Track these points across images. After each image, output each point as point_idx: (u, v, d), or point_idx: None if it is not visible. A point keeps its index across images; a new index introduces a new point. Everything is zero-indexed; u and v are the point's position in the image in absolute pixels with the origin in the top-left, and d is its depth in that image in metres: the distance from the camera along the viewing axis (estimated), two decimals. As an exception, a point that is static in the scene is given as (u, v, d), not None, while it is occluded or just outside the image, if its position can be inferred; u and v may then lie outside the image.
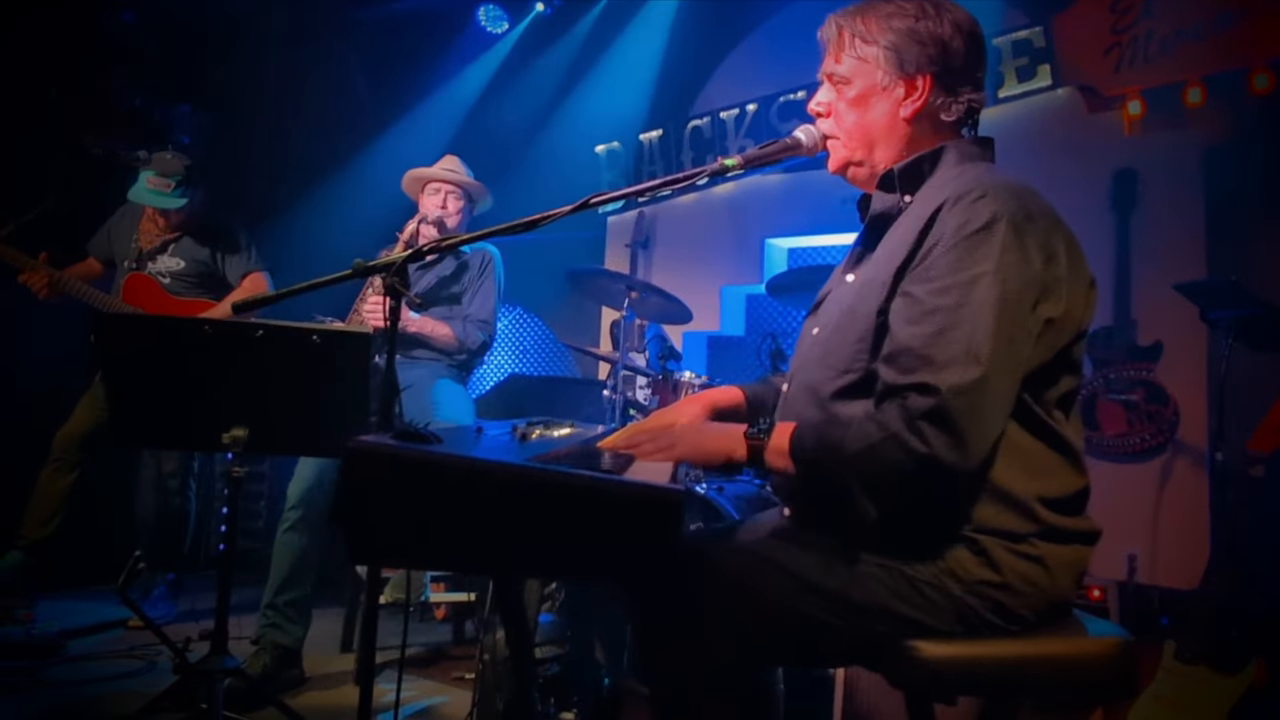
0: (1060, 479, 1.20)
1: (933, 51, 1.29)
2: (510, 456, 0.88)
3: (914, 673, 1.10)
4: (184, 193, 3.23)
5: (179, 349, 1.78)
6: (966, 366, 1.09)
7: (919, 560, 1.16)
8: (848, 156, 1.38)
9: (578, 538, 0.78)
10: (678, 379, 3.01)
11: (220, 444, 1.81)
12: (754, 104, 4.16)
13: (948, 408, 1.08)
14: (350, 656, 2.91)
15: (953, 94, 1.31)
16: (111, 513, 3.47)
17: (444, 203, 3.14)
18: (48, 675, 2.59)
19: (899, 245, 1.24)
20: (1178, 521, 3.08)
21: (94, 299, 3.22)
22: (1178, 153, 3.25)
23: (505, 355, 5.30)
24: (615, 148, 4.61)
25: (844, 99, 1.36)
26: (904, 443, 1.09)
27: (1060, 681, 1.15)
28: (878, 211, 1.36)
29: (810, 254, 4.37)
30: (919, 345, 1.12)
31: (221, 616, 1.92)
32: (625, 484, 0.80)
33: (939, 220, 1.19)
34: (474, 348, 3.12)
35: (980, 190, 1.18)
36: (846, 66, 1.35)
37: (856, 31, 1.33)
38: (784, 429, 1.21)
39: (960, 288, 1.13)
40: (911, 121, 1.33)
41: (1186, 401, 3.12)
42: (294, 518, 2.59)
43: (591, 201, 1.35)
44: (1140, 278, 3.26)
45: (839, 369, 1.25)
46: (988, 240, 1.14)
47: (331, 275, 1.38)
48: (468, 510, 0.79)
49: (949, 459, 1.08)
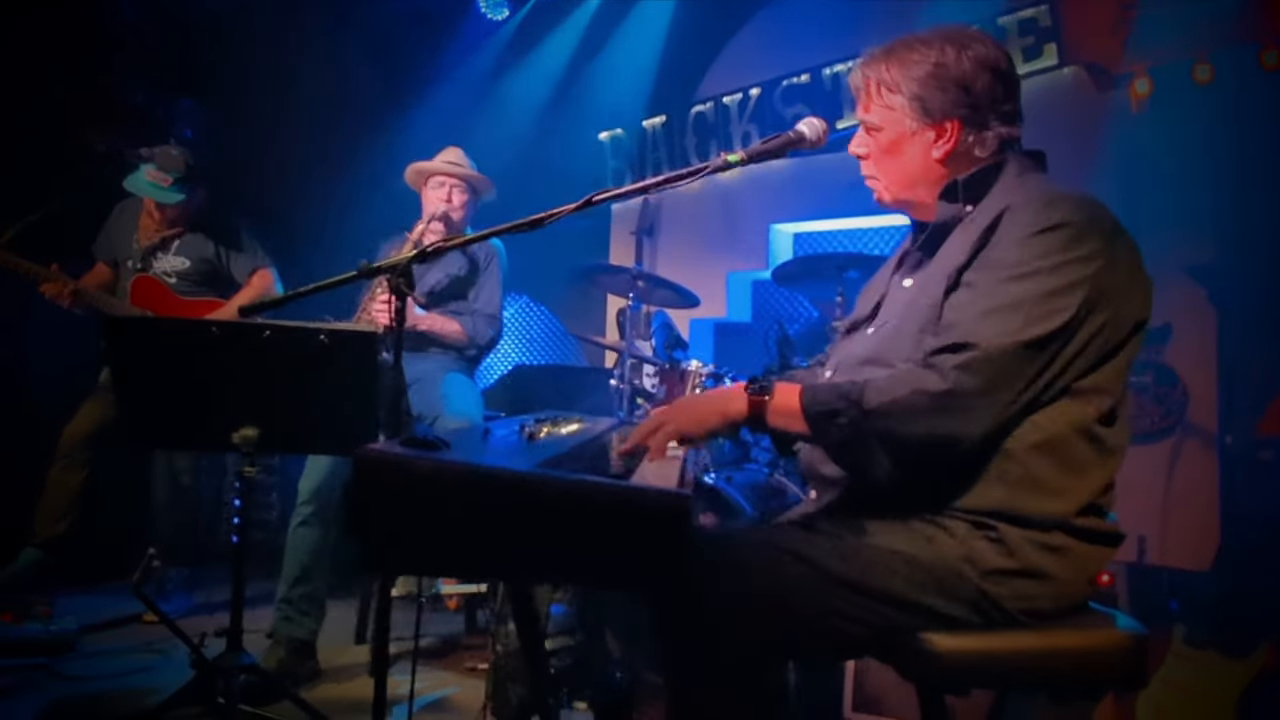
0: (1096, 482, 1.22)
1: (955, 95, 1.31)
2: (518, 461, 0.89)
3: (927, 666, 1.10)
4: (182, 189, 3.21)
5: (188, 351, 1.79)
6: (1004, 336, 1.13)
7: (937, 548, 1.17)
8: (894, 196, 1.43)
9: (587, 543, 0.79)
10: (685, 368, 3.00)
11: (230, 444, 1.82)
12: (757, 89, 4.13)
13: (980, 359, 1.12)
14: (364, 648, 2.94)
15: (982, 129, 1.33)
16: (125, 507, 3.50)
17: (448, 196, 3.13)
18: (66, 670, 2.62)
19: (961, 249, 1.26)
20: (1187, 503, 3.08)
21: (110, 307, 3.24)
22: (1186, 131, 3.22)
23: (511, 344, 5.31)
24: (619, 135, 4.59)
25: (878, 144, 1.39)
26: (927, 387, 1.12)
27: (1073, 674, 1.15)
28: (941, 220, 1.37)
29: (816, 239, 4.35)
30: (969, 319, 1.16)
31: (236, 613, 1.95)
32: (631, 489, 0.80)
33: (1004, 222, 1.22)
34: (483, 343, 3.13)
35: (1047, 197, 1.22)
36: (876, 115, 1.38)
37: (882, 80, 1.36)
38: (790, 388, 1.23)
39: (1018, 279, 1.16)
40: (945, 162, 1.35)
41: (1196, 383, 3.10)
42: (306, 512, 2.61)
43: (594, 200, 1.36)
44: (1148, 259, 3.22)
45: (898, 357, 1.26)
46: (1053, 239, 1.17)
47: (338, 277, 1.39)
48: (476, 518, 0.80)
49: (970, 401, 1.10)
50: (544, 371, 5.01)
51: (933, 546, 1.17)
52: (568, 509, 0.79)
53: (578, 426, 1.58)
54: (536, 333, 5.29)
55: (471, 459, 0.83)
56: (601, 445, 1.31)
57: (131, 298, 3.28)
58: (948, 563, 1.16)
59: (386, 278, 1.31)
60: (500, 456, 0.91)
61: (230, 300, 3.36)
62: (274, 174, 4.44)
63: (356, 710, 2.40)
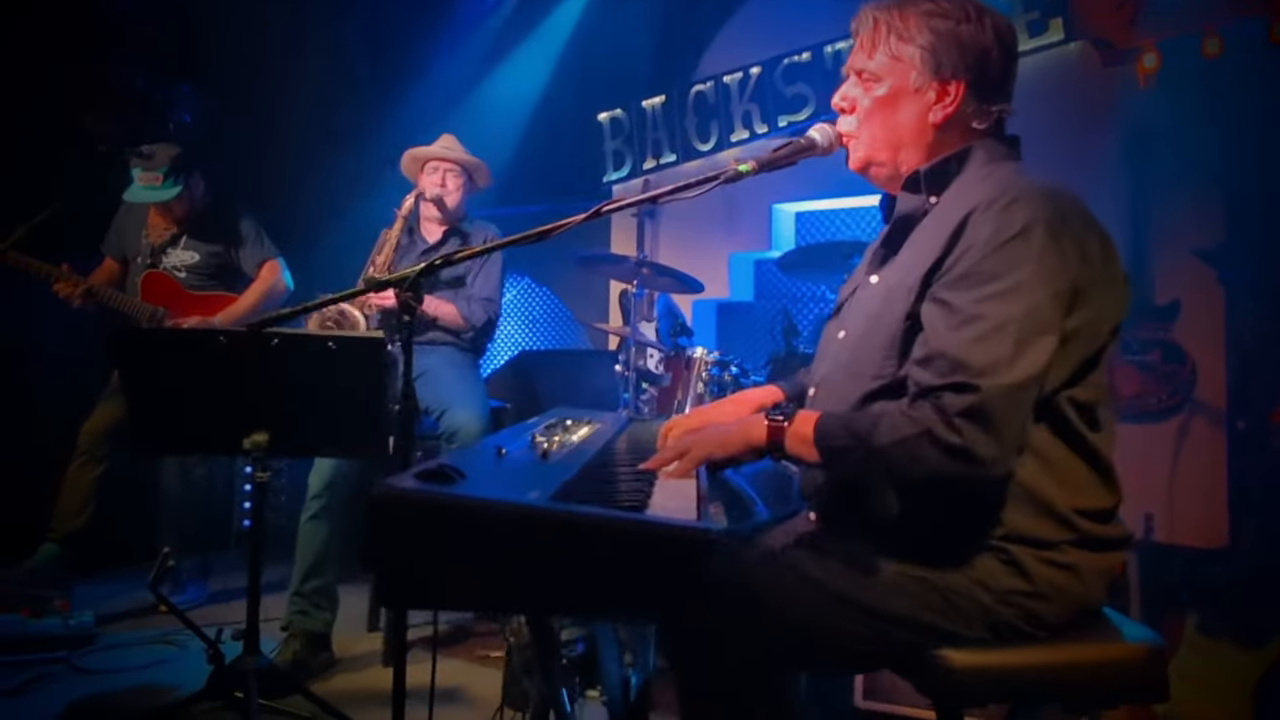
0: (1089, 490, 1.20)
1: (970, 58, 1.26)
2: (535, 489, 0.89)
3: (943, 682, 1.10)
4: (175, 180, 3.22)
5: (195, 360, 1.79)
6: (1007, 369, 1.09)
7: (948, 569, 1.16)
8: (869, 156, 1.36)
9: (605, 577, 0.79)
10: (690, 355, 3.01)
11: (241, 449, 1.83)
12: (757, 67, 4.07)
13: (987, 406, 1.07)
14: (378, 635, 2.97)
15: (985, 102, 1.28)
16: (138, 495, 3.53)
17: (443, 181, 3.12)
18: (85, 664, 2.66)
19: (926, 249, 1.22)
20: (1195, 481, 3.08)
21: (123, 304, 3.26)
22: (1195, 106, 3.17)
23: (514, 325, 5.31)
24: (618, 115, 4.54)
25: (871, 96, 1.32)
26: (938, 437, 1.08)
27: (1091, 687, 1.15)
28: (903, 213, 1.34)
29: (818, 218, 4.33)
30: (956, 350, 1.11)
31: (253, 615, 1.97)
32: (651, 524, 0.80)
33: (970, 226, 1.17)
34: (478, 325, 3.12)
35: (1013, 194, 1.16)
36: (878, 63, 1.30)
37: (894, 27, 1.29)
38: (808, 416, 1.21)
39: (999, 296, 1.12)
40: (940, 127, 1.30)
41: (1204, 360, 3.09)
42: (316, 507, 2.63)
43: (603, 210, 1.35)
44: (1156, 236, 3.21)
45: (867, 374, 1.25)
46: (1024, 246, 1.12)
47: (346, 291, 1.39)
48: (494, 553, 0.80)
49: (983, 454, 1.07)
50: (547, 357, 5.01)
51: (944, 569, 1.16)
52: (586, 543, 0.79)
53: (588, 430, 1.58)
54: (539, 314, 5.29)
55: (487, 493, 0.83)
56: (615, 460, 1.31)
57: (142, 294, 3.30)
58: (959, 585, 1.15)
59: (395, 289, 1.31)
60: (515, 485, 0.91)
61: (242, 295, 3.38)
62: (273, 158, 4.41)
63: (373, 701, 2.43)
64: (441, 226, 3.18)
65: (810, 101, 3.92)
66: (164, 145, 3.23)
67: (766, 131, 4.09)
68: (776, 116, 4.04)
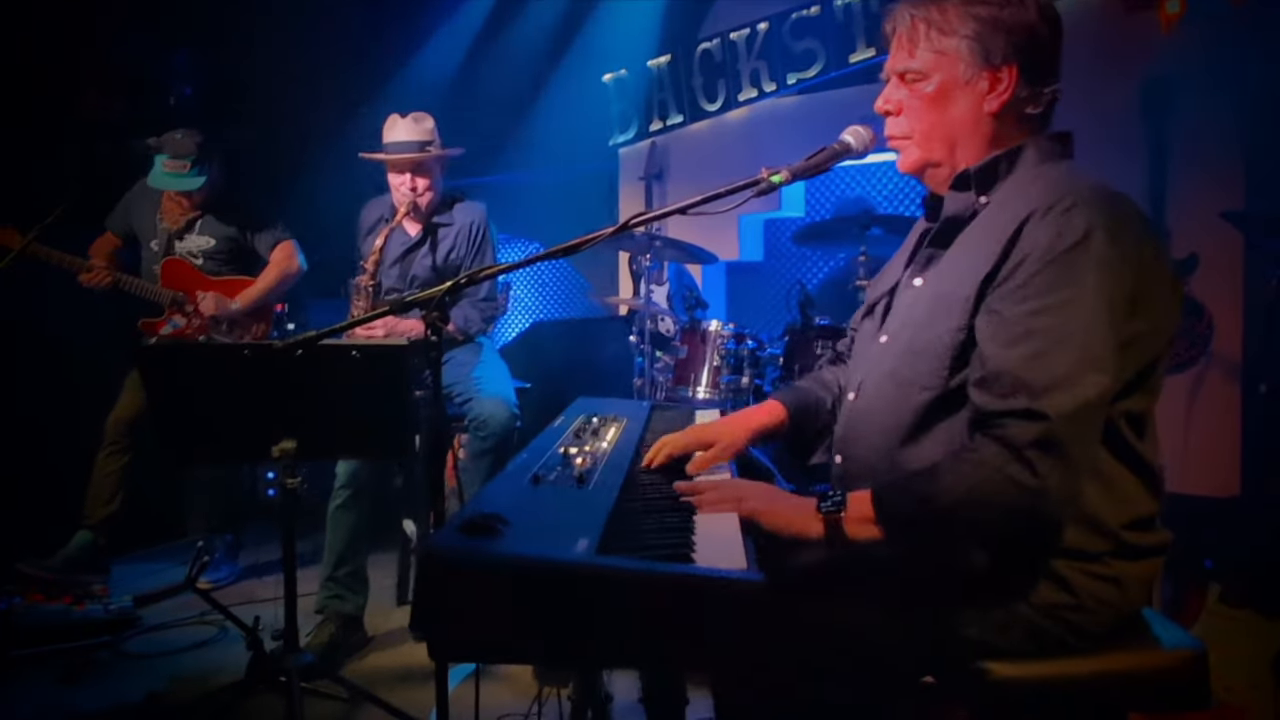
0: (1136, 500, 1.18)
1: (1019, 40, 1.21)
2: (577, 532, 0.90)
3: (984, 693, 1.11)
4: (201, 170, 3.20)
5: (221, 372, 1.81)
6: (1072, 390, 1.05)
7: (990, 585, 1.15)
8: (925, 158, 1.30)
9: (655, 630, 0.81)
10: (705, 328, 3.01)
11: (270, 456, 1.86)
12: (765, 23, 3.96)
13: (1057, 435, 1.04)
14: (407, 611, 3.05)
15: (1038, 84, 1.23)
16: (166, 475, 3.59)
17: (411, 184, 2.89)
18: (129, 648, 2.75)
19: (980, 255, 1.18)
20: (1211, 434, 3.09)
21: (145, 291, 3.29)
22: (1220, 54, 3.08)
23: (525, 291, 5.30)
24: (623, 76, 4.44)
25: (919, 96, 1.27)
26: (1011, 477, 1.04)
27: (1133, 696, 1.16)
28: (951, 213, 1.29)
29: (828, 178, 4.26)
30: (1017, 368, 1.07)
31: (290, 613, 2.02)
32: (700, 577, 0.81)
33: (1026, 232, 1.13)
34: (474, 333, 3.00)
35: (1070, 199, 1.12)
36: (922, 60, 1.25)
37: (933, 22, 1.24)
38: (861, 498, 1.14)
39: (1058, 308, 1.08)
40: (996, 116, 1.24)
41: (1221, 314, 3.07)
42: (344, 495, 2.68)
43: (631, 223, 1.31)
44: (1174, 188, 3.16)
45: (919, 384, 1.21)
46: (1083, 255, 1.09)
47: (372, 313, 1.39)
48: (541, 608, 0.81)
49: (1061, 491, 1.04)
50: (561, 326, 5.01)
51: (987, 584, 1.15)
52: (634, 598, 0.81)
53: (615, 432, 1.59)
54: (549, 279, 5.27)
55: (533, 550, 0.84)
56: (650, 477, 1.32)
57: (162, 281, 3.32)
58: (1003, 600, 1.14)
59: (421, 313, 1.31)
60: (558, 530, 0.92)
61: (259, 277, 3.40)
62: (271, 127, 4.35)
63: (407, 679, 2.52)
64: (419, 222, 3.02)
65: (820, 57, 3.82)
66: (188, 132, 3.20)
67: (775, 90, 4.00)
68: (786, 74, 3.95)
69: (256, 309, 3.38)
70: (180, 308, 3.31)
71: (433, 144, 2.92)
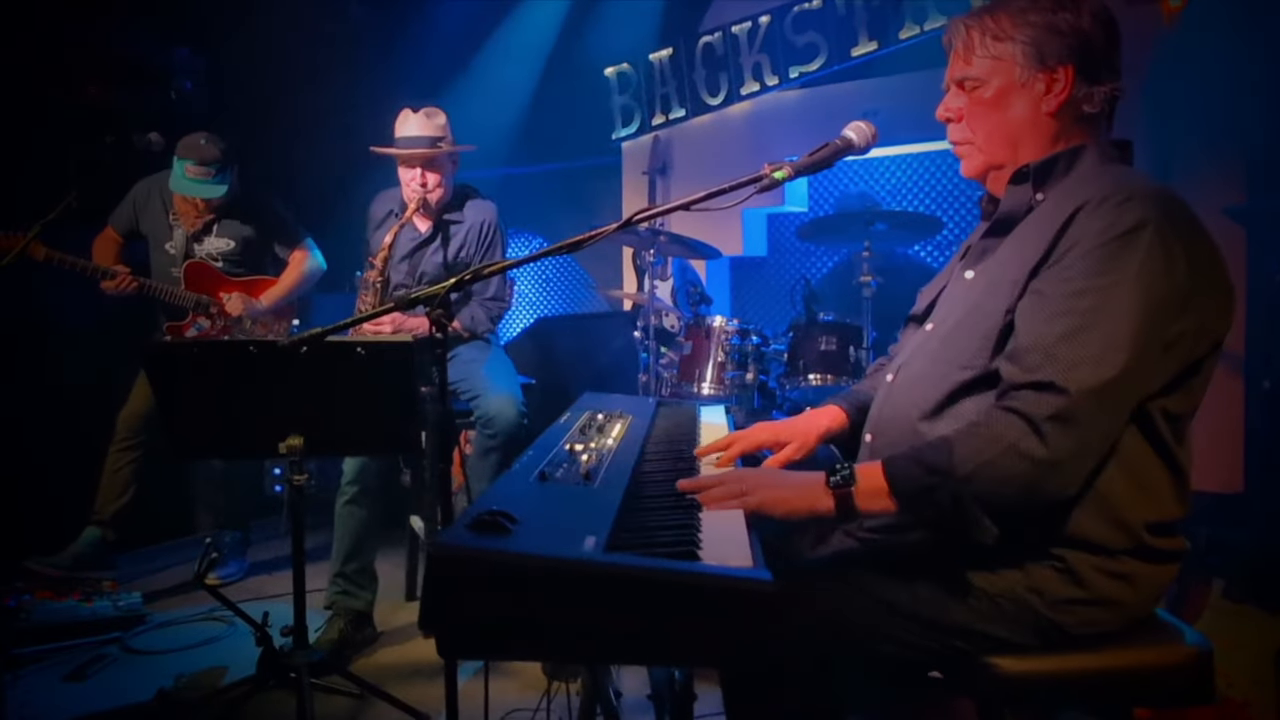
0: (1164, 502, 1.18)
1: (1072, 41, 1.24)
2: (585, 530, 0.91)
3: (992, 687, 1.12)
4: (224, 178, 3.20)
5: (228, 369, 1.82)
6: (1098, 368, 1.06)
7: (1001, 578, 1.16)
8: (988, 160, 1.33)
9: (662, 627, 0.82)
10: (710, 324, 3.02)
11: (278, 453, 1.87)
12: (767, 16, 3.96)
13: (1075, 409, 1.05)
14: (415, 606, 3.07)
15: (1094, 82, 1.25)
16: (173, 471, 3.61)
17: (422, 179, 2.86)
18: (138, 644, 2.76)
19: (1032, 244, 1.20)
20: (1214, 430, 3.10)
21: (171, 296, 3.29)
22: (1223, 46, 3.07)
23: (529, 286, 5.31)
24: (625, 69, 4.45)
25: (979, 101, 1.31)
26: (1024, 450, 1.06)
27: (1140, 691, 1.17)
28: (1008, 209, 1.31)
29: (832, 172, 4.25)
30: (1048, 343, 1.09)
31: (299, 611, 2.03)
32: (708, 575, 0.82)
33: (1078, 221, 1.15)
34: (482, 333, 2.99)
35: (1126, 193, 1.14)
36: (979, 67, 1.29)
37: (988, 30, 1.28)
38: (871, 469, 1.15)
39: (1098, 291, 1.10)
40: (1055, 115, 1.27)
41: (1225, 309, 3.07)
42: (352, 491, 2.69)
43: (637, 218, 1.32)
44: (1178, 183, 3.11)
45: (958, 364, 1.21)
46: (1132, 245, 1.10)
47: (378, 309, 1.40)
48: (551, 606, 0.82)
49: (1072, 465, 1.07)
50: (565, 322, 5.02)
51: (996, 576, 1.16)
52: (643, 596, 0.82)
53: (620, 429, 1.60)
54: (553, 274, 5.28)
55: (542, 549, 0.85)
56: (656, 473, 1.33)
57: (185, 284, 3.32)
58: (1013, 593, 1.15)
59: (425, 310, 1.31)
60: (566, 527, 0.93)
61: (280, 278, 3.43)
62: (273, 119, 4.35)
63: (416, 674, 2.53)
64: (429, 218, 3.00)
65: (822, 51, 3.82)
66: (212, 138, 3.19)
67: (777, 83, 4.00)
68: (788, 67, 3.95)
69: (279, 308, 3.42)
70: (205, 310, 3.33)
71: (445, 140, 2.90)
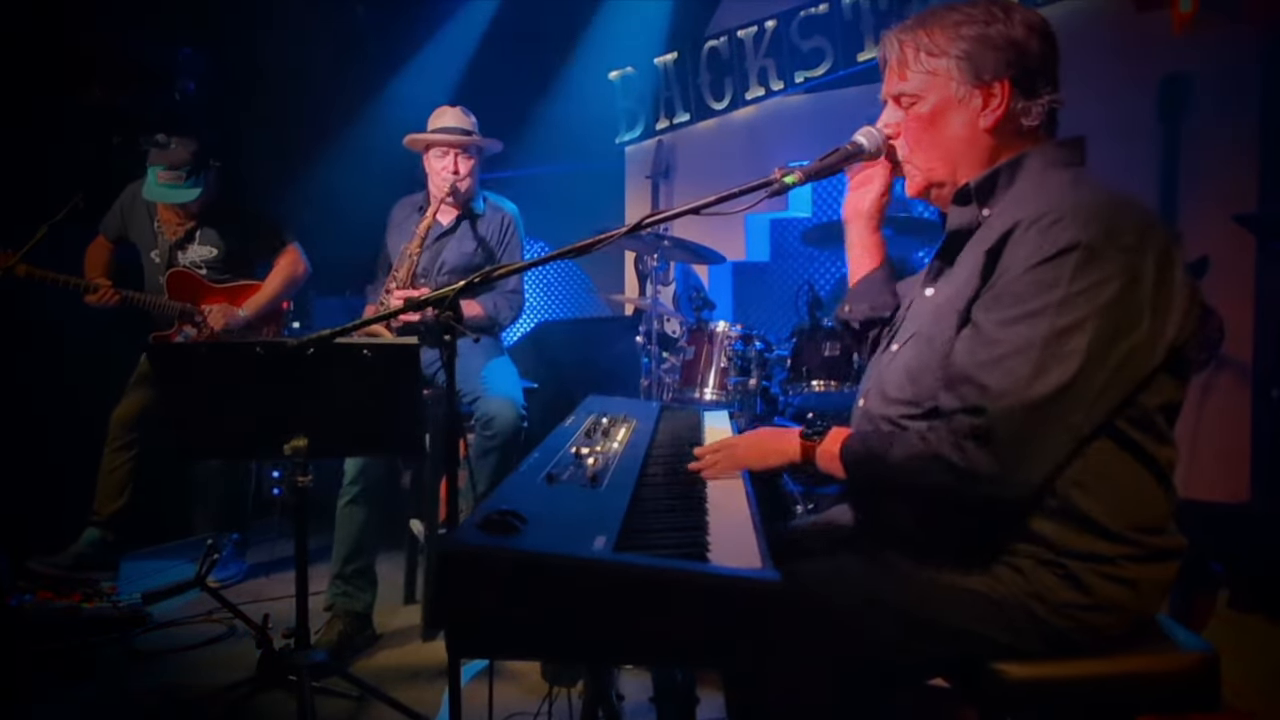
0: (1149, 503, 1.19)
1: (1008, 55, 1.22)
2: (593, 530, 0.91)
3: (996, 693, 1.13)
4: (196, 181, 3.19)
5: (233, 370, 1.82)
6: (1022, 390, 1.09)
7: (1004, 584, 1.17)
8: (928, 179, 1.33)
9: (670, 626, 0.82)
10: (713, 329, 3.01)
11: (282, 454, 1.87)
12: (773, 20, 3.96)
13: (993, 429, 1.09)
14: (415, 608, 3.06)
15: (1032, 96, 1.24)
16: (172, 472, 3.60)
17: (455, 166, 2.92)
18: (139, 645, 2.75)
19: (973, 270, 1.21)
20: (1221, 438, 3.09)
21: (155, 305, 3.28)
22: (1233, 55, 3.07)
23: (531, 291, 5.30)
24: (630, 73, 4.45)
25: (915, 117, 1.29)
26: (944, 458, 1.12)
27: (1145, 697, 1.17)
28: (955, 227, 1.30)
29: (833, 179, 4.25)
30: (974, 372, 1.13)
31: (302, 612, 2.02)
32: (715, 575, 0.83)
33: (1010, 245, 1.15)
34: (505, 322, 3.04)
35: (1056, 212, 1.12)
36: (915, 83, 1.28)
37: (922, 45, 1.27)
38: (838, 434, 1.27)
39: (1023, 320, 1.10)
40: (993, 131, 1.26)
41: (1232, 318, 3.06)
42: (353, 492, 2.68)
43: (644, 223, 1.32)
44: (1187, 190, 3.15)
45: (918, 402, 1.24)
46: (1056, 270, 1.09)
47: (385, 313, 1.39)
48: (560, 605, 0.83)
49: (986, 474, 1.10)
50: (567, 326, 5.02)
51: (1000, 583, 1.17)
52: (651, 595, 0.82)
53: (626, 432, 1.60)
54: (555, 279, 5.28)
55: (551, 547, 0.85)
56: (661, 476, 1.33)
57: (168, 293, 3.31)
58: (1016, 599, 1.16)
59: (435, 310, 1.31)
60: (575, 528, 0.93)
61: (265, 282, 3.40)
62: (276, 122, 4.35)
63: (416, 677, 2.52)
64: (455, 209, 3.04)
65: (828, 56, 3.82)
66: (182, 140, 3.17)
67: (783, 88, 4.01)
68: (793, 72, 3.95)
69: (264, 314, 3.40)
70: (190, 319, 3.31)
71: (476, 135, 3.00)
